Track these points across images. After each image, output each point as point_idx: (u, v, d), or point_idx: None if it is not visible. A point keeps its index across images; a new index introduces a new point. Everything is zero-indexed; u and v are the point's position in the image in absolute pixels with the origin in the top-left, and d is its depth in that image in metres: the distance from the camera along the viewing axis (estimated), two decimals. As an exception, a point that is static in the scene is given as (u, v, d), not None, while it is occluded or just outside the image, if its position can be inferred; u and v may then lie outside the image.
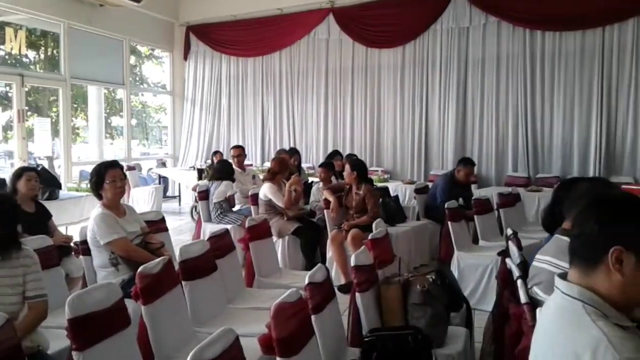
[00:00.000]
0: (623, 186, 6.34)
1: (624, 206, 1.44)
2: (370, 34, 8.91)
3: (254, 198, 5.96)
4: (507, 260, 2.85)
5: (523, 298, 2.22)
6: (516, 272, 2.57)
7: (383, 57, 8.94)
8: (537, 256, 2.26)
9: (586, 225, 1.45)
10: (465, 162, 6.43)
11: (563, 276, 1.52)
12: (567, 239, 2.13)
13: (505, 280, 2.76)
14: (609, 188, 2.36)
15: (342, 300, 3.29)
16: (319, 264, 2.69)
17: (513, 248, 3.23)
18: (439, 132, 8.50)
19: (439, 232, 5.60)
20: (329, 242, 5.41)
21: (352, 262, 2.87)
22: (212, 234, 3.50)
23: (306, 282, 2.50)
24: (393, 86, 8.87)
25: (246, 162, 9.88)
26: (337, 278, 5.30)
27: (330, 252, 5.41)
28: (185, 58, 10.94)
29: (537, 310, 1.63)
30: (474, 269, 4.71)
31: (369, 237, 3.43)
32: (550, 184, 7.30)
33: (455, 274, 4.77)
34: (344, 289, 4.51)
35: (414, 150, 8.70)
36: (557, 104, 7.61)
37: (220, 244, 3.51)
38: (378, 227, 3.73)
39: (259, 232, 4.01)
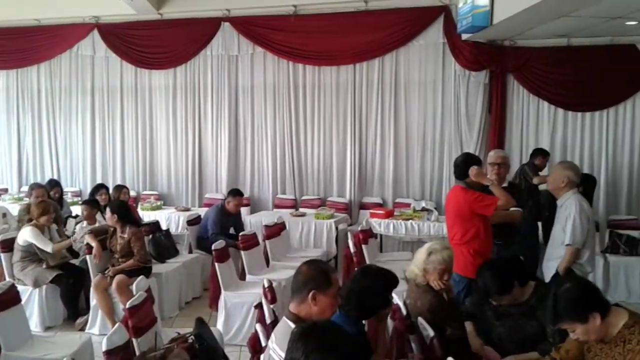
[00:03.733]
0: (371, 211, 7.25)
1: (325, 339, 1.71)
2: (139, 54, 8.65)
3: (6, 244, 5.39)
4: (258, 326, 3.07)
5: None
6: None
7: (154, 78, 8.75)
8: (269, 343, 2.49)
9: (296, 353, 1.70)
10: (235, 193, 6.71)
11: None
12: (292, 324, 2.40)
13: (254, 347, 2.97)
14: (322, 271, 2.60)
15: None
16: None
17: (266, 304, 3.51)
18: (213, 156, 8.63)
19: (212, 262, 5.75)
20: (92, 289, 5.18)
21: (104, 346, 2.83)
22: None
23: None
24: (165, 109, 8.74)
25: (1, 186, 8.95)
26: (104, 325, 5.13)
27: (94, 300, 5.18)
28: None
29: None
30: (240, 307, 4.96)
31: (127, 305, 3.39)
32: (315, 206, 8.00)
33: (222, 313, 4.98)
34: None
35: (188, 173, 8.69)
36: (318, 132, 8.29)
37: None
38: (138, 290, 3.71)
39: (2, 302, 3.67)
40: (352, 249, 5.34)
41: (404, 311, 3.29)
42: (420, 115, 7.96)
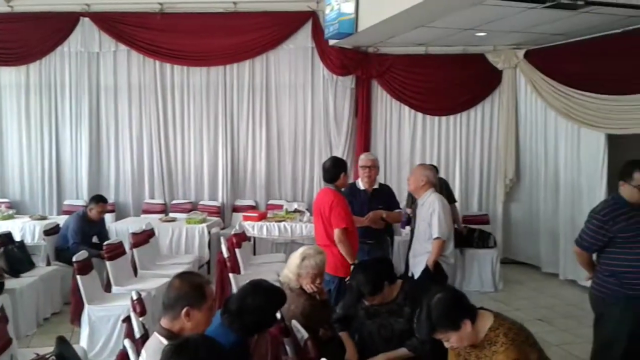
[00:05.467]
0: (244, 214, 7.22)
1: (198, 356, 1.68)
2: (-16, 49, 7.86)
3: None
4: (126, 341, 2.92)
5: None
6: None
7: (3, 75, 7.95)
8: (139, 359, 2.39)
9: None
10: (97, 199, 6.34)
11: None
12: (164, 340, 2.32)
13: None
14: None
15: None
16: None
17: (135, 317, 3.35)
18: (72, 159, 8.05)
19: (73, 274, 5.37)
20: None
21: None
22: None
23: None
24: (17, 108, 7.99)
25: None
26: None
27: None
28: None
29: None
30: (106, 321, 4.69)
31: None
32: (186, 210, 7.80)
33: (86, 329, 4.68)
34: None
35: (44, 178, 8.02)
36: (189, 133, 8.09)
37: None
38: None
39: None
40: (225, 254, 5.27)
41: (278, 315, 3.31)
42: (291, 118, 8.08)
